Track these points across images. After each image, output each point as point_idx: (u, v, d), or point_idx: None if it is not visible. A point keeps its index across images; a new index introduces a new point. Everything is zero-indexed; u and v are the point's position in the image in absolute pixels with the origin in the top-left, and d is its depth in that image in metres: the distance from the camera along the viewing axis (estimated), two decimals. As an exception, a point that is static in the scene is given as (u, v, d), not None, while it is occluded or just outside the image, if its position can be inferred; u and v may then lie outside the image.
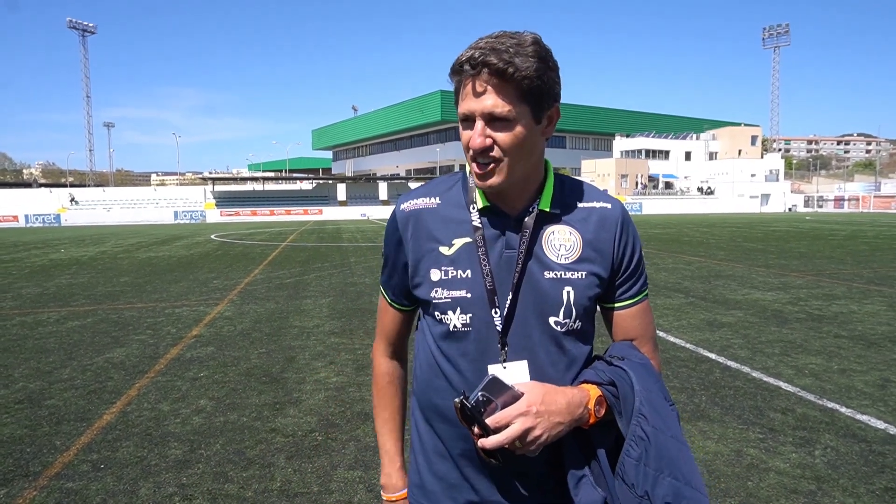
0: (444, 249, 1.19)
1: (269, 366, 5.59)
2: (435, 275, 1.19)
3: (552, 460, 1.17)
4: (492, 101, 1.07)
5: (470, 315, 1.17)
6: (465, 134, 1.12)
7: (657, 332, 6.87)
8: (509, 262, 1.17)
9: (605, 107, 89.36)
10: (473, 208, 1.20)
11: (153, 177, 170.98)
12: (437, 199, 1.24)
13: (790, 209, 65.91)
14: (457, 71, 1.10)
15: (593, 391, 1.12)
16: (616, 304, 1.25)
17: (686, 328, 6.93)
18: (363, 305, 8.68)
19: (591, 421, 1.11)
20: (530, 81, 1.06)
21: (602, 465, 1.13)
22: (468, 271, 1.17)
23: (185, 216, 55.11)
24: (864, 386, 4.74)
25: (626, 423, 1.10)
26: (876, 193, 64.51)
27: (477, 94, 1.08)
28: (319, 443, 3.83)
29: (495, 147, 1.10)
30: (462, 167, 1.33)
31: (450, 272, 1.18)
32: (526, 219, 1.18)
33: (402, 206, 1.26)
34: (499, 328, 1.16)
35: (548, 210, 1.19)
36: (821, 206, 67.23)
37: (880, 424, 3.96)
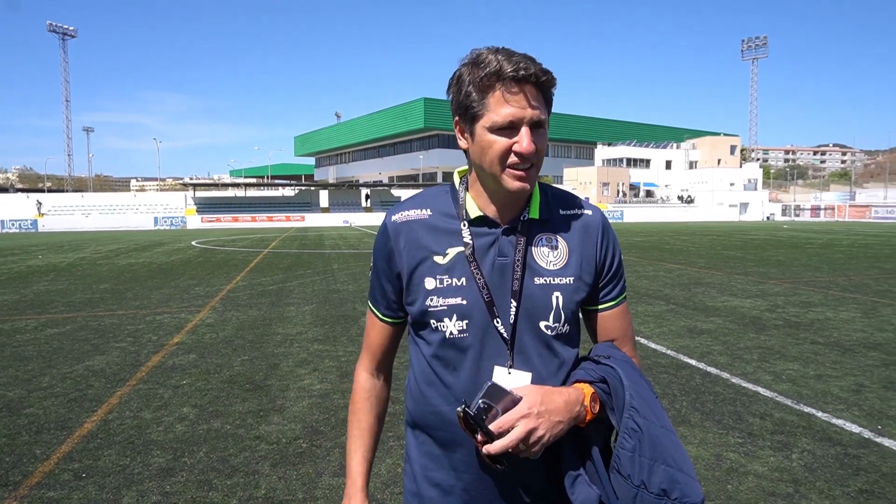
0: (438, 258, 1.22)
1: (252, 373, 5.56)
2: (430, 283, 1.21)
3: (549, 463, 1.21)
4: (538, 110, 1.13)
5: (466, 321, 1.19)
6: (502, 141, 1.13)
7: (638, 337, 6.93)
8: (502, 269, 1.20)
9: (586, 115, 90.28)
10: (465, 225, 1.23)
11: (132, 182, 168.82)
12: (428, 210, 1.27)
13: (768, 218, 66.94)
14: (501, 80, 1.11)
15: (587, 389, 1.17)
16: (599, 307, 1.30)
17: (667, 335, 7.02)
18: (346, 312, 8.67)
19: (588, 418, 1.15)
20: (552, 96, 1.17)
21: (596, 463, 1.17)
22: (463, 279, 1.20)
23: (165, 222, 54.46)
24: (840, 391, 4.85)
25: (618, 417, 1.14)
26: (851, 203, 65.81)
27: (528, 102, 1.12)
28: (304, 450, 3.83)
29: (535, 153, 1.15)
30: (448, 179, 1.35)
31: (445, 280, 1.20)
32: (518, 227, 1.23)
33: (394, 218, 1.27)
34: (505, 335, 1.19)
35: (537, 218, 1.24)
36: (798, 215, 68.38)
37: (855, 428, 4.05)
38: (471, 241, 1.21)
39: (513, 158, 1.14)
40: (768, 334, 6.99)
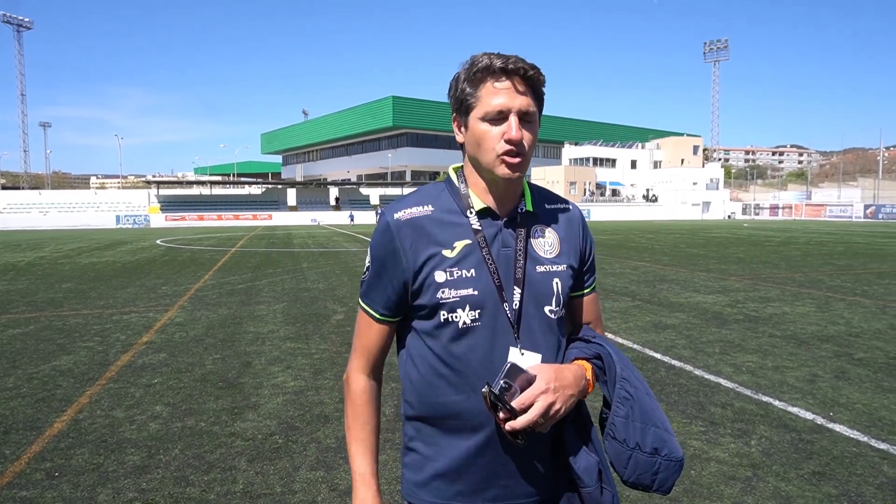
0: (446, 252, 1.26)
1: (224, 371, 5.55)
2: (440, 276, 1.25)
3: (553, 437, 1.30)
4: (526, 101, 1.21)
5: (479, 311, 1.25)
6: (494, 129, 1.21)
7: (605, 332, 7.12)
8: (507, 258, 1.28)
9: (554, 115, 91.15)
10: (471, 213, 1.29)
11: (93, 179, 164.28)
12: (430, 206, 1.30)
13: (729, 216, 68.71)
14: (491, 73, 1.21)
15: (587, 365, 1.29)
16: (582, 292, 1.42)
17: (633, 330, 7.23)
18: (318, 310, 8.67)
19: (590, 390, 1.27)
20: (543, 92, 1.26)
21: (592, 434, 1.28)
22: (472, 271, 1.25)
23: (127, 220, 53.19)
24: (795, 381, 5.09)
25: (611, 389, 1.26)
26: (807, 202, 68.04)
27: (517, 92, 1.20)
28: (280, 445, 3.86)
29: (523, 142, 1.22)
30: (424, 175, 1.42)
31: (455, 272, 1.25)
32: (518, 219, 1.31)
33: (396, 215, 1.28)
34: (512, 320, 1.26)
35: (532, 210, 1.34)
36: (757, 214, 70.34)
37: (809, 415, 4.28)
38: (481, 229, 1.28)
39: (503, 146, 1.21)
40: (729, 328, 7.25)
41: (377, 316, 1.33)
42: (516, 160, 1.22)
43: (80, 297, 10.22)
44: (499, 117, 1.21)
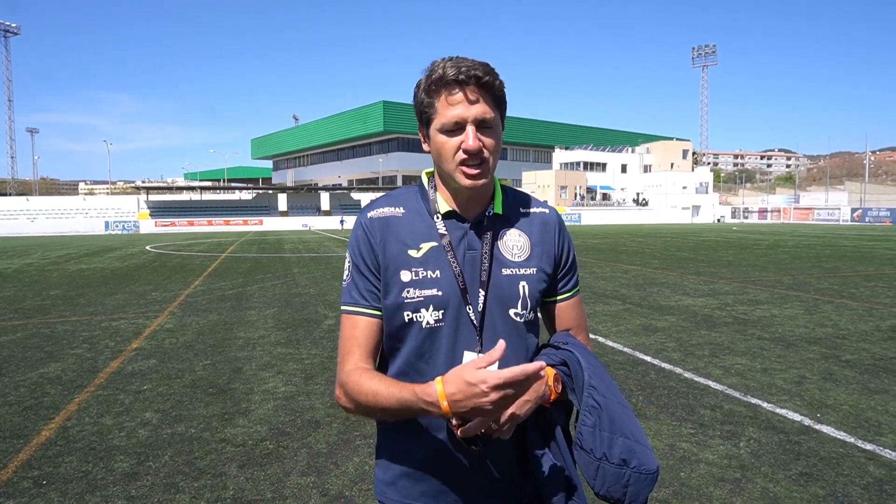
0: (412, 252, 1.29)
1: (215, 377, 5.52)
2: (405, 276, 1.27)
3: (518, 444, 1.30)
4: (481, 109, 1.21)
5: (442, 311, 1.26)
6: (452, 140, 1.22)
7: (596, 336, 7.11)
8: (472, 261, 1.29)
9: (545, 120, 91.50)
10: (437, 217, 1.32)
11: (81, 185, 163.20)
12: (401, 208, 1.34)
13: (718, 220, 69.18)
14: (445, 84, 1.21)
15: (550, 371, 1.26)
16: (557, 297, 1.41)
17: (623, 333, 7.26)
18: (309, 316, 8.65)
19: (552, 398, 1.25)
20: (502, 94, 1.25)
21: (559, 442, 1.27)
22: (437, 272, 1.27)
23: (116, 227, 52.83)
24: (784, 383, 5.13)
25: (578, 397, 1.23)
26: (795, 205, 68.75)
27: (470, 102, 1.20)
28: (271, 451, 3.85)
29: (483, 150, 1.22)
30: (415, 180, 1.44)
31: (420, 273, 1.27)
32: (485, 222, 1.32)
33: (369, 215, 1.33)
34: (475, 322, 1.27)
35: (501, 214, 1.34)
36: (746, 217, 70.89)
37: (797, 417, 4.31)
38: (446, 233, 1.30)
39: (461, 156, 1.22)
40: (718, 331, 7.30)
41: (367, 312, 1.29)
42: (475, 170, 1.23)
43: (68, 303, 10.13)
44: (456, 128, 1.22)
